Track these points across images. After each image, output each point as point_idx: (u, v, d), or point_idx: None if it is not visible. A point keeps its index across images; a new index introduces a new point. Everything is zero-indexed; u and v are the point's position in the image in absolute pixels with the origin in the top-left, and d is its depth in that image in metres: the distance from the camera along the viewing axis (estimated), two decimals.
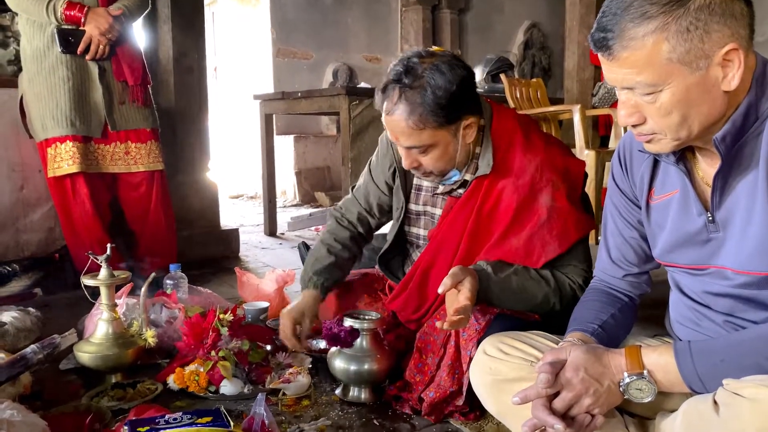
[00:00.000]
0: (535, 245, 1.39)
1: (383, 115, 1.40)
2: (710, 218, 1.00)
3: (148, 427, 0.95)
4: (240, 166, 6.46)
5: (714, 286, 1.03)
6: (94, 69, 2.38)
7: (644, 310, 1.31)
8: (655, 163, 1.11)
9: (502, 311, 1.35)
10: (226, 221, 3.98)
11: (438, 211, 1.58)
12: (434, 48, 1.45)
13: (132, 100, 2.47)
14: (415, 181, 1.62)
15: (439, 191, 1.56)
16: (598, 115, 4.25)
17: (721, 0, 0.86)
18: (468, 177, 1.48)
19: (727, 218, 0.99)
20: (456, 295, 1.24)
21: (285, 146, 5.96)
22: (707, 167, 1.01)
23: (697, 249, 1.04)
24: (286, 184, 6.09)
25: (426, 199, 1.61)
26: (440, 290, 1.24)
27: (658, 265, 1.20)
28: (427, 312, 1.51)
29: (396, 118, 1.36)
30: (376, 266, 1.76)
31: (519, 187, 1.40)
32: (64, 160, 2.35)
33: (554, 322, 1.33)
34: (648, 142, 0.98)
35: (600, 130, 4.40)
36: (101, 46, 2.34)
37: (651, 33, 0.87)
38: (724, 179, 0.97)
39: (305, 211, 5.27)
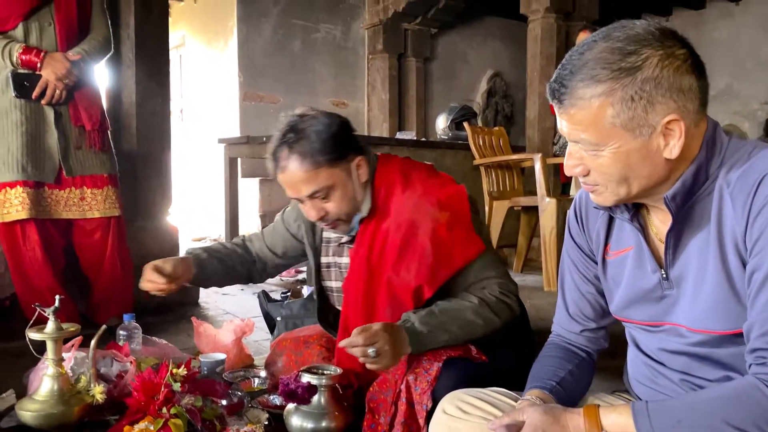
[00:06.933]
0: (424, 276, 1.43)
1: (279, 176, 1.49)
2: (664, 275, 1.02)
3: None
4: (204, 208, 6.38)
5: (669, 343, 1.04)
6: (49, 113, 2.33)
7: (603, 361, 1.31)
8: (611, 219, 1.13)
9: (449, 356, 1.34)
10: None
11: (344, 260, 1.63)
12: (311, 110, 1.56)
13: (89, 145, 2.43)
14: (324, 234, 1.67)
15: (344, 241, 1.62)
16: (559, 163, 4.34)
17: (669, 74, 0.88)
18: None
19: (680, 276, 1.00)
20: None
21: (250, 189, 5.92)
22: (660, 224, 1.03)
23: (652, 305, 1.05)
24: (251, 227, 6.02)
25: (333, 250, 1.67)
26: (342, 344, 1.32)
27: (615, 321, 1.21)
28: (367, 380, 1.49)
29: (291, 170, 1.45)
30: None
31: (400, 225, 1.46)
32: (13, 206, 2.27)
33: (511, 376, 1.31)
34: (592, 192, 1.01)
35: (561, 178, 4.49)
36: (57, 91, 2.30)
37: (597, 96, 0.90)
38: (676, 237, 0.99)
39: None
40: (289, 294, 2.84)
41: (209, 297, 3.43)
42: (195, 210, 6.46)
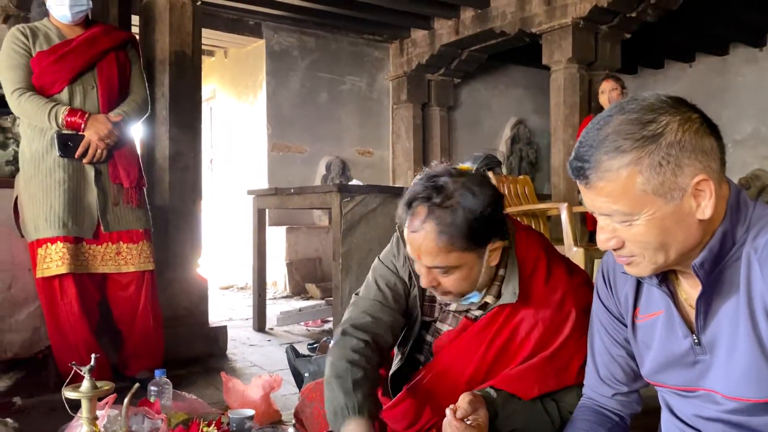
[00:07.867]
0: (533, 376, 1.37)
1: (406, 230, 1.32)
2: (696, 341, 1.01)
3: None
4: (231, 256, 6.46)
5: (704, 410, 1.03)
6: (90, 172, 2.43)
7: (636, 420, 1.28)
8: (639, 283, 1.13)
9: None
10: (215, 315, 3.93)
11: (445, 327, 1.53)
12: (461, 167, 1.40)
13: (126, 201, 2.51)
14: (427, 292, 1.52)
15: (452, 308, 1.51)
16: (586, 211, 4.33)
17: (691, 137, 0.91)
18: (490, 300, 1.41)
19: (712, 342, 0.99)
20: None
21: (277, 237, 5.99)
22: (690, 289, 1.03)
23: (685, 370, 1.04)
24: (277, 275, 6.07)
25: (438, 311, 1.55)
26: (459, 414, 1.21)
27: (648, 384, 1.20)
28: (420, 428, 1.47)
29: (422, 236, 1.28)
30: None
31: (539, 321, 1.37)
32: (54, 261, 2.34)
33: None
34: (628, 264, 1.00)
35: (588, 226, 4.46)
36: (99, 151, 2.39)
37: (625, 166, 0.91)
38: (707, 303, 0.98)
39: (295, 303, 5.23)
40: (316, 346, 2.85)
41: (236, 348, 3.45)
42: (222, 258, 6.53)
